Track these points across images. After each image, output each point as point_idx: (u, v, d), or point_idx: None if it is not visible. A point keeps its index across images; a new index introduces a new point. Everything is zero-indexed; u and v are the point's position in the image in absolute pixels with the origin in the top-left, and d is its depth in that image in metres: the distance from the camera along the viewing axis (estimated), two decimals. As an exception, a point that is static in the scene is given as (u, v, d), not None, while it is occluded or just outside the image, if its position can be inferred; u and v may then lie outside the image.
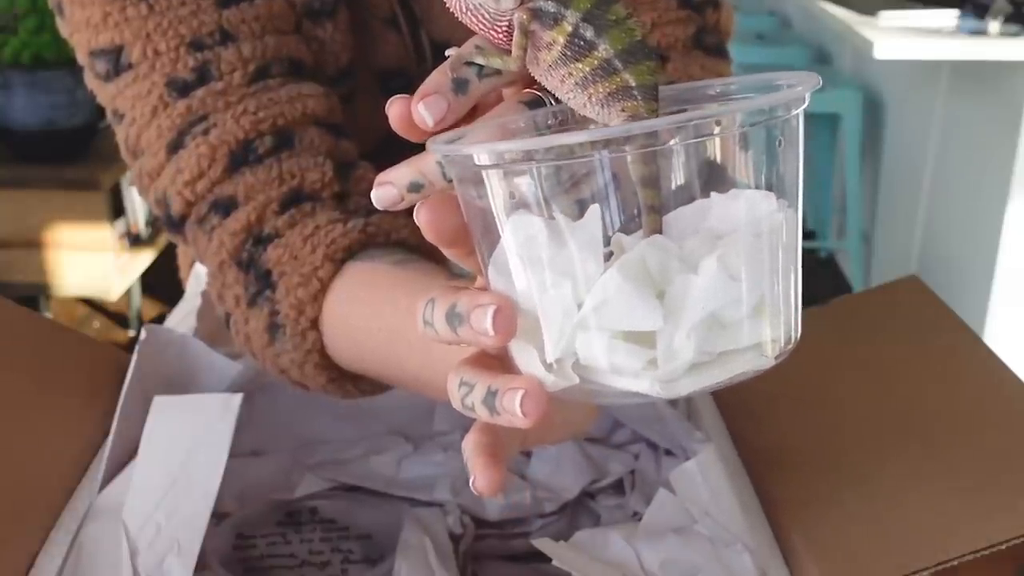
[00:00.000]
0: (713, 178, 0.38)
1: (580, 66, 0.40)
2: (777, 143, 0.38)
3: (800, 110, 0.38)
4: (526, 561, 0.67)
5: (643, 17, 0.75)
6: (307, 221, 0.64)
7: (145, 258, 2.83)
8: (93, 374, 0.76)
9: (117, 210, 2.70)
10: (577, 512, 0.72)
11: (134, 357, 0.71)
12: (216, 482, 0.61)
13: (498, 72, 0.42)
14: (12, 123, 2.52)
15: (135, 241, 2.80)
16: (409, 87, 0.79)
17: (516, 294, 0.38)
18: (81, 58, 0.69)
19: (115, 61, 0.66)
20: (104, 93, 0.69)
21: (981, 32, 2.27)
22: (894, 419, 0.68)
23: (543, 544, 0.58)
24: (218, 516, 0.68)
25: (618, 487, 0.73)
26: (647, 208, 0.38)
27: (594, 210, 0.37)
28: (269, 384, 0.77)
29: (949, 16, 2.36)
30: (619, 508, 0.71)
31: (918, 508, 0.59)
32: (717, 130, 0.37)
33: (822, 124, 3.32)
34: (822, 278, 3.43)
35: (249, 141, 0.65)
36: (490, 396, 0.39)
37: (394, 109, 0.42)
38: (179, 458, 0.63)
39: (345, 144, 0.69)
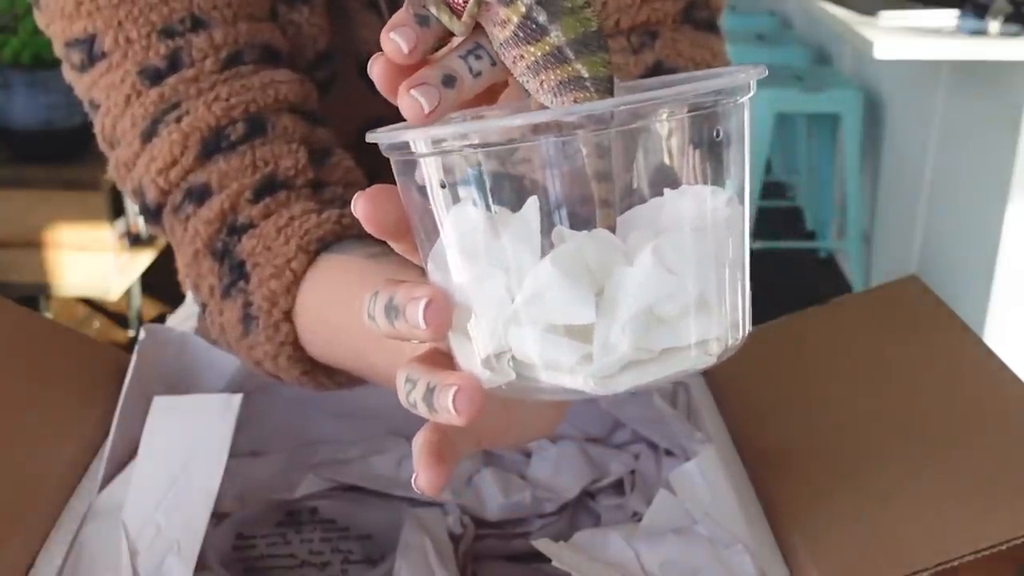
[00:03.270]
0: (667, 175, 0.37)
1: (532, 49, 0.39)
2: (716, 134, 0.37)
3: (746, 99, 0.38)
4: (526, 561, 0.67)
5: None
6: (281, 211, 0.63)
7: (145, 258, 2.83)
8: (93, 374, 0.76)
9: (117, 210, 2.70)
10: (577, 512, 0.72)
11: (134, 357, 0.71)
12: (216, 482, 0.61)
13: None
14: (12, 123, 2.52)
15: (135, 241, 2.80)
16: None
17: (453, 288, 0.37)
18: (58, 50, 0.69)
19: (89, 50, 0.66)
20: (80, 84, 0.69)
21: (981, 32, 2.27)
22: (894, 419, 0.68)
23: (543, 544, 0.58)
24: (218, 516, 0.68)
25: (618, 487, 0.73)
26: (600, 203, 0.37)
27: (532, 201, 0.36)
28: (269, 384, 0.77)
29: (949, 16, 2.36)
30: (619, 508, 0.71)
31: (918, 508, 0.59)
32: (664, 114, 0.36)
33: (822, 124, 3.32)
34: (822, 278, 3.43)
35: (221, 128, 0.65)
36: (429, 393, 0.38)
37: (376, 65, 0.40)
38: (179, 458, 0.63)
39: (321, 132, 0.69)
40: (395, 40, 0.39)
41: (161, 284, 2.73)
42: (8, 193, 2.58)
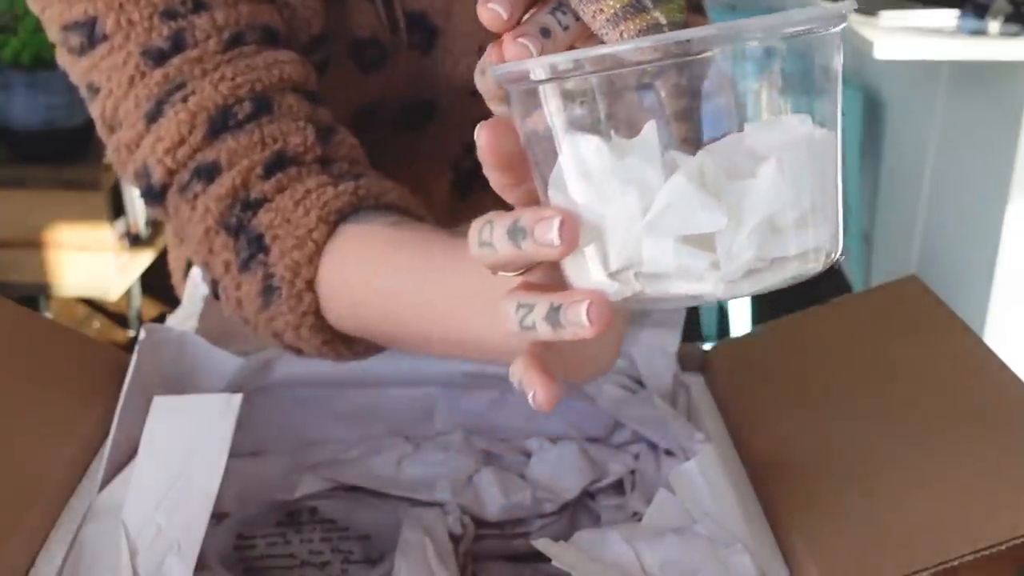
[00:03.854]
0: (757, 105, 0.39)
1: (611, 3, 0.42)
2: (815, 65, 0.40)
3: (839, 28, 0.40)
4: (526, 561, 0.67)
5: None
6: (296, 185, 0.64)
7: (145, 258, 2.83)
8: (93, 374, 0.76)
9: (117, 210, 2.70)
10: (577, 512, 0.72)
11: (134, 357, 0.71)
12: (216, 482, 0.61)
13: None
14: (12, 123, 2.52)
15: (135, 241, 2.80)
16: (384, 59, 0.80)
17: (578, 208, 0.40)
18: (53, 34, 0.69)
19: (89, 33, 0.66)
20: (78, 68, 0.69)
21: (981, 32, 2.27)
22: (894, 419, 0.68)
23: (543, 544, 0.58)
24: (218, 516, 0.68)
25: (618, 487, 0.73)
26: (682, 141, 0.39)
27: (651, 125, 0.39)
28: (269, 384, 0.77)
29: (949, 16, 2.36)
30: (619, 508, 0.71)
31: (918, 508, 0.59)
32: (757, 41, 0.38)
33: (822, 124, 3.31)
34: (822, 278, 3.43)
35: (228, 106, 0.65)
36: (553, 312, 0.40)
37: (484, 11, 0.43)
38: (179, 458, 0.63)
39: (322, 111, 0.69)
40: (493, 9, 0.42)
41: (161, 284, 2.73)
42: (8, 193, 2.58)
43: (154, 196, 0.68)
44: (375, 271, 0.61)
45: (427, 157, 0.81)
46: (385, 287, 0.61)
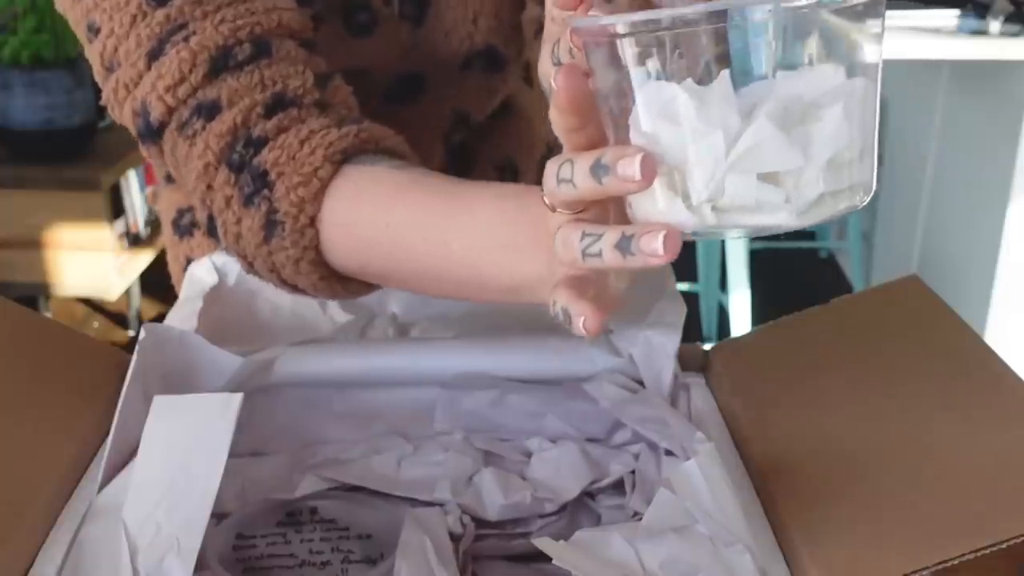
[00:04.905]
0: (787, 50, 0.44)
1: None
2: (859, 24, 0.44)
3: None
4: (526, 561, 0.67)
5: None
6: (298, 126, 0.66)
7: (145, 258, 2.83)
8: (93, 374, 0.76)
9: (116, 210, 2.71)
10: (577, 512, 0.72)
11: (134, 356, 0.71)
12: (216, 482, 0.61)
13: None
14: (11, 123, 2.52)
15: (135, 241, 2.81)
16: (373, 25, 0.82)
17: (660, 147, 0.44)
18: None
19: None
20: (78, 9, 0.70)
21: (981, 32, 2.27)
22: (894, 419, 0.68)
23: (543, 543, 0.58)
24: (218, 516, 0.68)
25: (618, 487, 0.73)
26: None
27: (725, 74, 0.43)
28: (269, 384, 0.77)
29: (949, 16, 2.36)
30: (619, 508, 0.71)
31: (918, 508, 0.59)
32: (813, 8, 0.43)
33: (822, 124, 3.31)
34: (822, 278, 3.43)
35: (228, 47, 0.67)
36: (625, 240, 0.44)
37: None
38: (179, 458, 0.63)
39: (318, 60, 0.71)
40: None
41: (161, 284, 2.73)
42: (8, 193, 2.59)
43: (152, 134, 0.69)
44: (385, 208, 0.63)
45: (419, 130, 0.82)
46: (395, 224, 0.63)
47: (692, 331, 0.84)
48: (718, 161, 0.43)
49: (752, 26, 0.43)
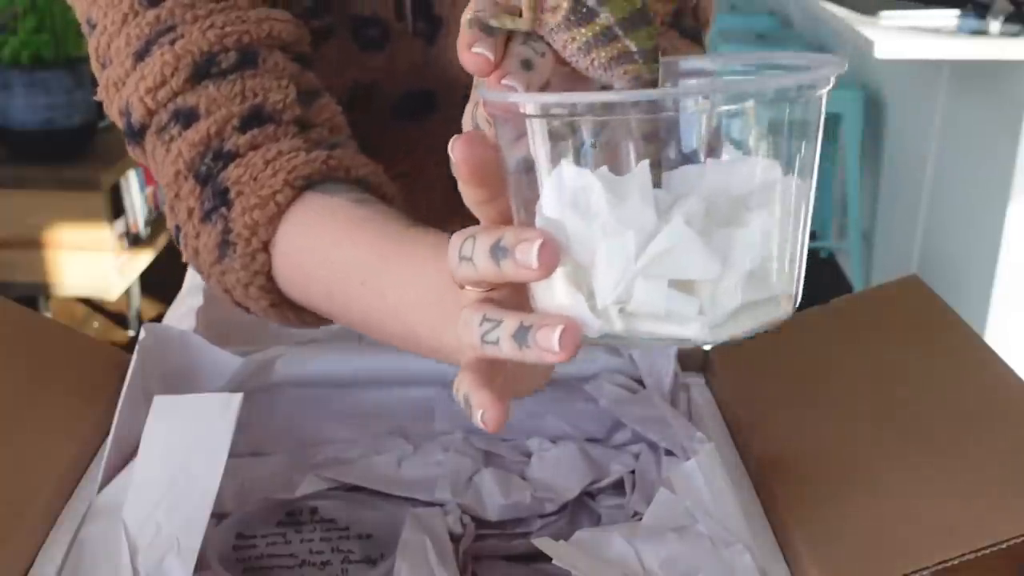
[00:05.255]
0: (717, 143, 0.40)
1: (583, 31, 0.42)
2: (797, 120, 0.41)
3: (824, 91, 0.41)
4: (526, 561, 0.67)
5: None
6: (269, 144, 0.65)
7: (145, 258, 2.83)
8: (93, 374, 0.76)
9: (117, 210, 2.70)
10: (577, 512, 0.72)
11: (134, 356, 0.71)
12: (216, 481, 0.61)
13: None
14: (11, 123, 2.52)
15: (135, 241, 2.81)
16: (385, 38, 0.80)
17: (567, 238, 0.40)
18: None
19: None
20: (82, 2, 0.70)
21: (981, 32, 2.27)
22: (894, 419, 0.68)
23: (543, 543, 0.58)
24: (218, 516, 0.68)
25: (618, 487, 0.73)
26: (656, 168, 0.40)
27: (644, 165, 0.40)
28: (270, 384, 0.77)
29: (949, 16, 2.36)
30: (619, 508, 0.71)
31: (918, 508, 0.59)
32: (750, 101, 0.39)
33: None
34: (822, 278, 3.43)
35: (213, 54, 0.66)
36: (522, 331, 0.40)
37: (467, 56, 0.43)
38: (179, 458, 0.63)
39: (309, 75, 0.70)
40: (480, 53, 0.42)
41: (161, 284, 2.73)
42: (8, 193, 2.59)
43: (133, 135, 0.69)
44: (332, 244, 0.61)
45: (427, 149, 0.81)
46: (339, 262, 0.60)
47: (691, 331, 0.83)
48: (628, 263, 0.39)
49: (684, 116, 0.40)
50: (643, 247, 0.39)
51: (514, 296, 0.45)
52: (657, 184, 0.40)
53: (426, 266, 0.55)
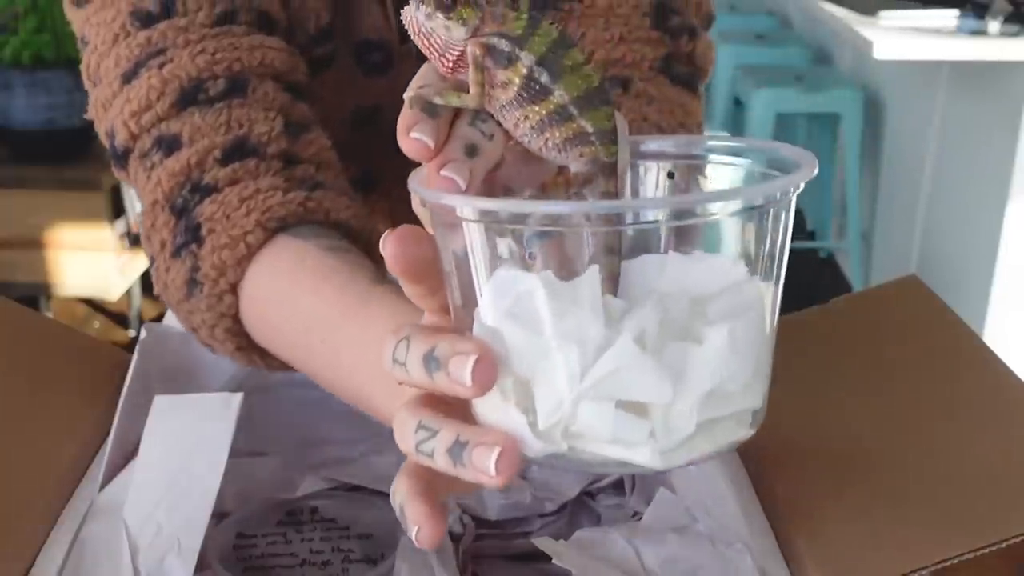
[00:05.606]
0: (681, 240, 0.38)
1: (536, 109, 0.39)
2: (761, 227, 0.38)
3: (792, 195, 0.38)
4: (526, 561, 0.67)
5: (612, 31, 0.72)
6: (248, 181, 0.63)
7: (145, 258, 2.82)
8: (93, 374, 0.76)
9: (117, 210, 2.70)
10: (577, 512, 0.72)
11: (134, 356, 0.71)
12: (216, 481, 0.61)
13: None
14: (12, 123, 2.53)
15: (135, 241, 2.80)
16: (388, 63, 0.79)
17: (506, 350, 0.36)
18: None
19: None
20: (77, 18, 0.69)
21: (981, 32, 2.27)
22: (894, 419, 0.68)
23: (543, 542, 0.58)
24: (218, 515, 0.68)
25: (618, 487, 0.73)
26: (611, 275, 0.37)
27: (593, 271, 0.36)
28: (269, 384, 0.77)
29: (949, 16, 2.36)
30: (619, 508, 0.71)
31: (918, 508, 0.59)
32: (714, 213, 0.36)
33: (822, 124, 3.32)
34: (822, 278, 3.43)
35: (201, 80, 0.64)
36: (458, 447, 0.36)
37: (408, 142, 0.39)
38: (179, 457, 0.63)
39: (301, 107, 0.68)
40: (419, 138, 0.38)
41: (161, 284, 2.73)
42: (8, 193, 2.58)
43: (118, 159, 0.67)
44: (299, 294, 0.59)
45: None
46: (302, 314, 0.58)
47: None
48: (572, 382, 0.35)
49: (640, 228, 0.37)
50: (589, 364, 0.35)
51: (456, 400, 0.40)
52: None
53: (382, 328, 0.51)
